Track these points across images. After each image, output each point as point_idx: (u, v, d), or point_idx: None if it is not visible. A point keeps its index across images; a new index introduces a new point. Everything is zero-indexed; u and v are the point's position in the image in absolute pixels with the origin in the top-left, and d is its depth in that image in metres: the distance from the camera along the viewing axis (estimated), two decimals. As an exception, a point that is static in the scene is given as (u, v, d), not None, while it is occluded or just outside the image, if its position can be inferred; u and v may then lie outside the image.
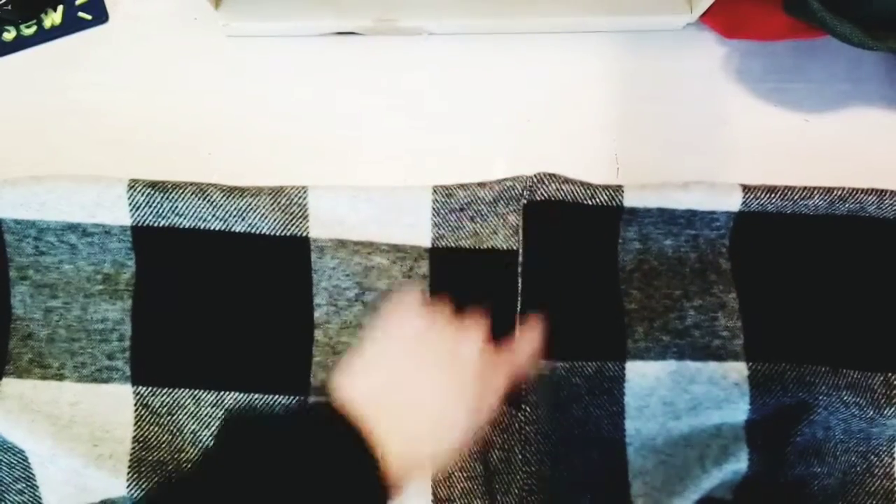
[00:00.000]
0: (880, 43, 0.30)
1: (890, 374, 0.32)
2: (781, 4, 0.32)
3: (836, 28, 0.30)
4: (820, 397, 0.32)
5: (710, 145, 0.37)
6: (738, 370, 0.33)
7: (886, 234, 0.33)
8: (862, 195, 0.33)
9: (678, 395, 0.33)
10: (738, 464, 0.33)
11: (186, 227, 0.34)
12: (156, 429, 0.33)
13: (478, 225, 0.34)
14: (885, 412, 0.32)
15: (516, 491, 0.33)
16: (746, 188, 0.33)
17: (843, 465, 0.33)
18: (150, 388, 0.33)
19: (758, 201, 0.33)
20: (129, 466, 0.32)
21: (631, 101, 0.37)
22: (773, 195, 0.33)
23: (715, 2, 0.34)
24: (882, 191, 0.33)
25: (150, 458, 0.33)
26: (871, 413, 0.32)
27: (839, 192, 0.33)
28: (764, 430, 0.33)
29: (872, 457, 0.33)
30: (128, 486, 0.32)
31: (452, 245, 0.34)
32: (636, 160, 0.36)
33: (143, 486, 0.32)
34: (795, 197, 0.33)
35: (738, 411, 0.33)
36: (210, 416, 0.33)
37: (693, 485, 0.33)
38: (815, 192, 0.33)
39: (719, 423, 0.33)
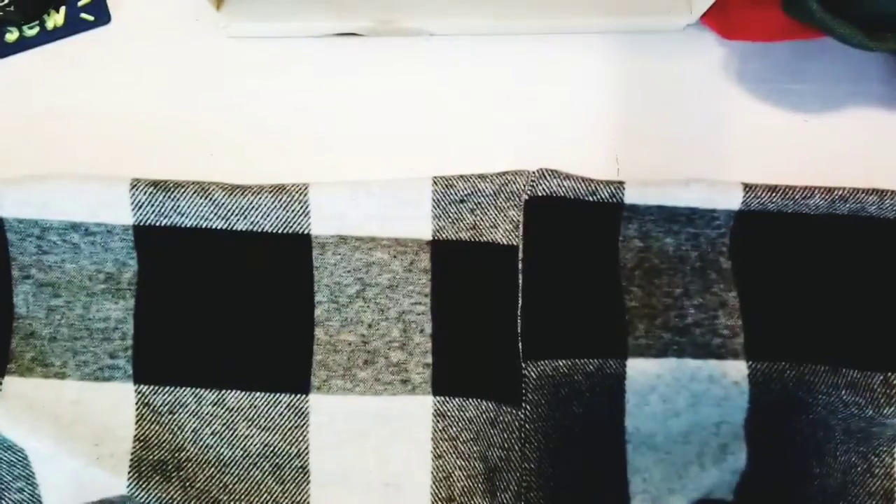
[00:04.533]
0: (880, 44, 0.30)
1: (889, 374, 0.32)
2: (780, 5, 0.32)
3: (835, 29, 0.30)
4: (819, 396, 0.32)
5: (710, 146, 0.37)
6: (737, 369, 0.33)
7: (887, 234, 0.33)
8: (863, 195, 0.33)
9: (678, 393, 0.33)
10: (737, 463, 0.33)
11: (188, 226, 0.34)
12: (157, 427, 0.33)
13: (477, 217, 0.34)
14: (885, 412, 0.32)
15: (515, 488, 0.33)
16: (747, 187, 0.33)
17: (843, 465, 0.32)
18: (151, 387, 0.33)
19: (758, 200, 0.33)
20: (130, 465, 0.33)
21: (630, 101, 0.37)
22: (773, 194, 0.33)
23: (714, 3, 0.34)
24: (883, 191, 0.33)
25: (150, 457, 0.33)
26: (871, 412, 0.32)
27: (840, 192, 0.33)
28: (763, 430, 0.33)
29: (873, 457, 0.32)
30: (128, 486, 0.32)
31: (452, 237, 0.34)
32: (636, 160, 0.36)
33: (144, 486, 0.32)
34: (796, 196, 0.33)
35: (738, 410, 0.33)
36: (211, 414, 0.33)
37: (692, 483, 0.33)
38: (816, 191, 0.33)
39: (718, 421, 0.33)
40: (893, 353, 0.33)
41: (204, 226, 0.34)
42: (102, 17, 0.38)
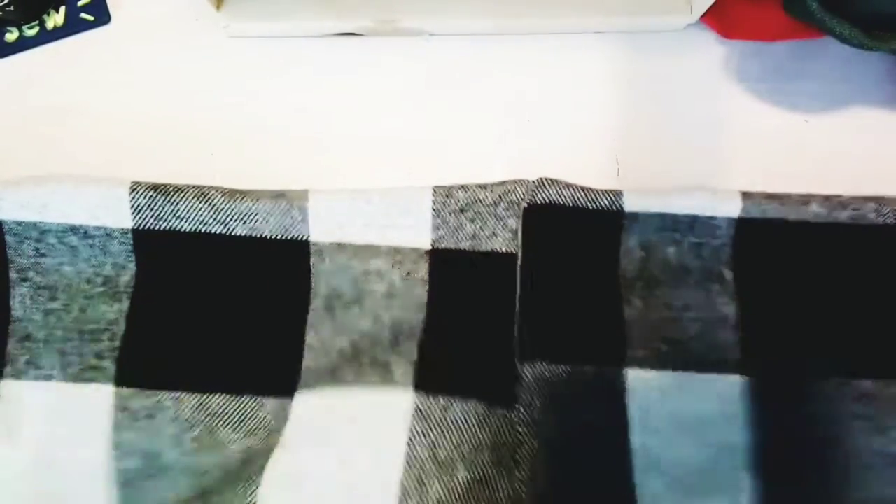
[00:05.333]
0: (880, 43, 0.30)
1: None
2: (780, 5, 0.32)
3: (834, 29, 0.30)
4: (828, 413, 0.31)
5: (710, 146, 0.37)
6: (736, 383, 0.32)
7: (887, 240, 0.33)
8: (861, 202, 0.33)
9: (675, 406, 0.32)
10: (740, 484, 0.31)
11: (187, 230, 0.33)
12: (132, 434, 0.33)
13: (477, 227, 0.34)
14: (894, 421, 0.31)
15: (504, 498, 0.31)
16: (745, 194, 0.33)
17: (855, 481, 0.31)
18: (131, 390, 0.33)
19: (757, 207, 0.33)
20: (117, 472, 0.32)
21: (631, 101, 0.37)
22: (772, 201, 0.33)
23: (714, 2, 0.34)
24: (881, 197, 0.33)
25: (130, 465, 0.32)
26: (885, 421, 0.31)
27: (838, 199, 0.33)
28: (770, 450, 0.32)
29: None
30: (118, 495, 0.32)
31: (452, 247, 0.34)
32: (636, 160, 0.36)
33: (131, 494, 0.32)
34: (794, 202, 0.33)
35: (737, 425, 0.32)
36: (191, 419, 0.33)
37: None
38: (814, 199, 0.33)
39: (720, 439, 0.32)
40: None
41: (203, 230, 0.33)
42: (102, 16, 0.38)
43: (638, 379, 0.32)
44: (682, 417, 0.32)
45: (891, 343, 0.32)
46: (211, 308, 0.34)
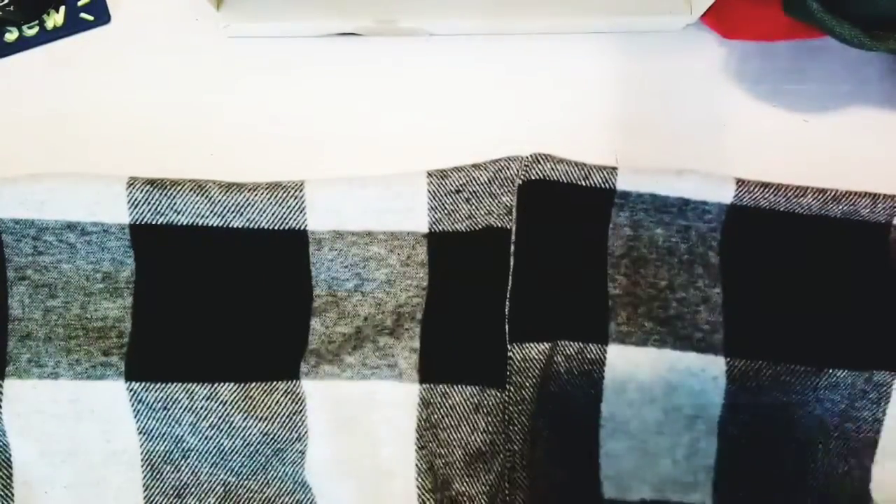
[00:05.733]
0: (880, 43, 0.30)
1: (874, 372, 0.32)
2: (780, 5, 0.32)
3: (834, 29, 0.30)
4: (794, 396, 0.32)
5: (709, 146, 0.37)
6: (716, 364, 0.33)
7: (878, 237, 0.33)
8: (855, 197, 0.33)
9: (655, 382, 0.33)
10: (708, 459, 0.33)
11: (185, 223, 0.34)
12: (154, 422, 0.33)
13: (473, 206, 0.34)
14: (857, 404, 0.32)
15: (499, 469, 0.33)
16: (740, 182, 0.33)
17: (823, 468, 0.33)
18: (142, 384, 0.33)
19: (751, 195, 0.33)
20: (142, 458, 0.33)
21: (630, 101, 0.37)
22: (766, 190, 0.33)
23: (714, 2, 0.34)
24: (875, 194, 0.33)
25: (157, 448, 0.33)
26: (844, 406, 0.32)
27: (832, 193, 0.33)
28: (738, 427, 0.33)
29: (852, 459, 0.33)
30: (143, 479, 0.33)
31: (449, 229, 0.34)
32: (636, 160, 0.36)
33: (157, 477, 0.33)
34: (789, 194, 0.33)
35: (713, 406, 0.33)
36: (205, 408, 0.33)
37: (664, 473, 0.33)
38: (809, 191, 0.33)
39: (693, 414, 0.33)
40: (877, 353, 0.33)
41: (200, 223, 0.34)
42: (102, 16, 0.38)
43: (618, 355, 0.33)
44: (656, 390, 0.33)
45: (867, 338, 0.33)
46: (214, 300, 0.34)
